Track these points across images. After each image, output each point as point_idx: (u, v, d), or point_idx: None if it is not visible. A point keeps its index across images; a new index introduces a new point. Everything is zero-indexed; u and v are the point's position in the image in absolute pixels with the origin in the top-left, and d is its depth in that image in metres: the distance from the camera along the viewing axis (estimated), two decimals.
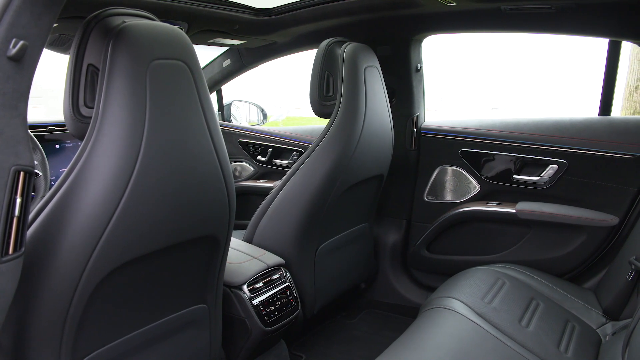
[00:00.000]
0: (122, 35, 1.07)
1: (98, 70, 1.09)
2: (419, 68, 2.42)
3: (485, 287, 1.82)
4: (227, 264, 1.59)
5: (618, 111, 6.79)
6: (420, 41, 2.38)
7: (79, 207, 1.07)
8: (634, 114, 6.08)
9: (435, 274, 2.52)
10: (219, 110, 3.16)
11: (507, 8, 1.89)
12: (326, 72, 1.97)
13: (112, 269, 1.15)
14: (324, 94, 1.98)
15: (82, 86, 1.10)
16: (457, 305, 1.68)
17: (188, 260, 1.37)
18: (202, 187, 1.27)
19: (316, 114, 2.02)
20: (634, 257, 1.74)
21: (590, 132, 2.12)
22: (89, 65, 1.10)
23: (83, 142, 1.08)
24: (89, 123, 1.09)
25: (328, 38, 2.01)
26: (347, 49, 1.96)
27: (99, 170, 1.07)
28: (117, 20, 1.11)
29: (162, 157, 1.14)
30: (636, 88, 6.22)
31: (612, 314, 1.82)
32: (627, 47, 6.68)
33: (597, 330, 1.78)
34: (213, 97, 3.07)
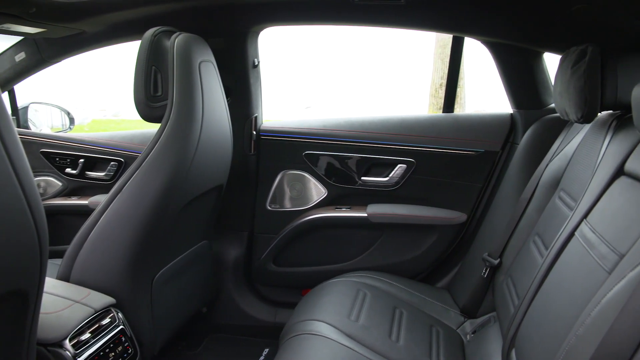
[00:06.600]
0: None
1: None
2: (257, 64, 2.22)
3: (349, 303, 1.74)
4: (40, 316, 1.22)
5: (425, 108, 7.33)
6: (258, 33, 2.17)
7: None
8: (439, 110, 6.59)
9: (285, 289, 2.39)
10: (12, 115, 2.62)
11: None
12: (153, 68, 1.68)
13: None
14: (152, 93, 1.68)
15: None
16: (325, 329, 1.57)
17: None
18: None
19: (143, 117, 1.71)
20: (487, 254, 1.79)
21: (436, 129, 2.13)
22: None
23: None
24: None
25: (151, 28, 1.71)
26: (177, 40, 1.68)
27: None
28: None
29: None
30: (441, 85, 6.76)
31: (469, 312, 1.87)
32: (430, 47, 7.22)
33: (457, 330, 1.81)
34: (4, 98, 2.52)
